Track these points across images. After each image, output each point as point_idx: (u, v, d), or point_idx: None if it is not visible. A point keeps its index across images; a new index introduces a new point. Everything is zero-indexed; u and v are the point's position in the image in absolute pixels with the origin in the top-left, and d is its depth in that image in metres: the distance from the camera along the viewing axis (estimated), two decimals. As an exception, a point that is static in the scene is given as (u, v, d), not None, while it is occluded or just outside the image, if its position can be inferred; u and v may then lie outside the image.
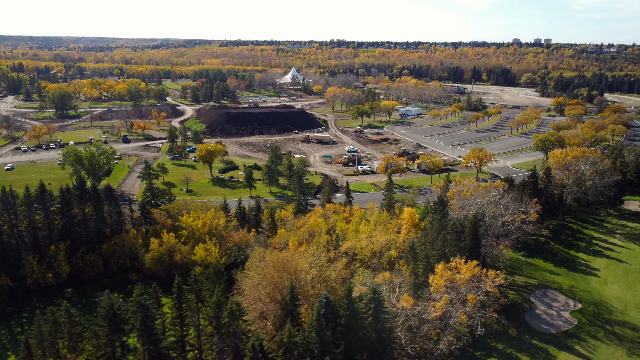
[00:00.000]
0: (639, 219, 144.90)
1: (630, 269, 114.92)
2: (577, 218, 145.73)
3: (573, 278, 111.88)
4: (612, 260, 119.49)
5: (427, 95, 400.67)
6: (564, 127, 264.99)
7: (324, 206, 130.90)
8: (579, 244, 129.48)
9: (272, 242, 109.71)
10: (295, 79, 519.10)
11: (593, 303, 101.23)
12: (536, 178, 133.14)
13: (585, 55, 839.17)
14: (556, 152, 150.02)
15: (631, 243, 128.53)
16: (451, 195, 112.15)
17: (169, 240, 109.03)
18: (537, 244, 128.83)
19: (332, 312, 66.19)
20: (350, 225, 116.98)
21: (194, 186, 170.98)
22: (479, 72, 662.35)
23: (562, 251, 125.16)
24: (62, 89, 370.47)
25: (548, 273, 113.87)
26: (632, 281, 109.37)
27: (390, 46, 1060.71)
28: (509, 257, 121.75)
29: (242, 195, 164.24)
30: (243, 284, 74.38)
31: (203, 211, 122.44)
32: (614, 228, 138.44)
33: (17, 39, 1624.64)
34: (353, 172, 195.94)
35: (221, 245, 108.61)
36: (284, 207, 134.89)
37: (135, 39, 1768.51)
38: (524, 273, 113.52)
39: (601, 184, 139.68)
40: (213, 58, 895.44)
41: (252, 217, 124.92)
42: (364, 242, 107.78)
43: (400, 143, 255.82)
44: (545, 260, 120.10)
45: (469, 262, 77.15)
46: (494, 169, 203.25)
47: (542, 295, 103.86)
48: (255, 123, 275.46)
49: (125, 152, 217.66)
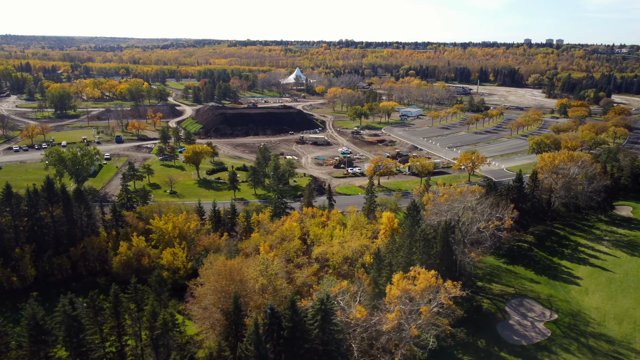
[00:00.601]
0: (629, 225, 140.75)
1: (614, 277, 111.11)
2: (565, 224, 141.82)
3: (553, 287, 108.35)
4: (596, 269, 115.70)
5: (428, 96, 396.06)
6: (564, 129, 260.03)
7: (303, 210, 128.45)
8: (563, 250, 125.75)
9: (243, 246, 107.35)
10: (298, 79, 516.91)
11: (570, 314, 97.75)
12: (521, 182, 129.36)
13: (596, 56, 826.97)
14: (544, 156, 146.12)
15: (618, 250, 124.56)
16: (427, 200, 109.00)
17: (138, 243, 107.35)
18: (521, 250, 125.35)
19: (277, 323, 63.72)
20: (324, 230, 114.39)
21: (179, 188, 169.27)
22: (486, 72, 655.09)
23: (545, 258, 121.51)
24: (63, 88, 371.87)
25: (528, 281, 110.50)
26: (614, 291, 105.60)
27: (398, 46, 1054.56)
28: (490, 264, 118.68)
29: (225, 197, 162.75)
30: (196, 292, 72.19)
31: (177, 214, 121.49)
32: (603, 234, 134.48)
33: (30, 39, 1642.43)
34: (343, 175, 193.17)
35: (190, 249, 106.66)
36: (262, 210, 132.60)
37: (146, 39, 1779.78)
38: (502, 281, 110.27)
39: (589, 189, 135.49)
40: (221, 58, 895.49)
41: (228, 220, 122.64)
42: (335, 247, 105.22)
43: (396, 145, 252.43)
44: (527, 268, 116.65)
45: (428, 271, 74.09)
46: (488, 172, 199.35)
47: (518, 305, 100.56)
48: (250, 124, 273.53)
49: (117, 152, 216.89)
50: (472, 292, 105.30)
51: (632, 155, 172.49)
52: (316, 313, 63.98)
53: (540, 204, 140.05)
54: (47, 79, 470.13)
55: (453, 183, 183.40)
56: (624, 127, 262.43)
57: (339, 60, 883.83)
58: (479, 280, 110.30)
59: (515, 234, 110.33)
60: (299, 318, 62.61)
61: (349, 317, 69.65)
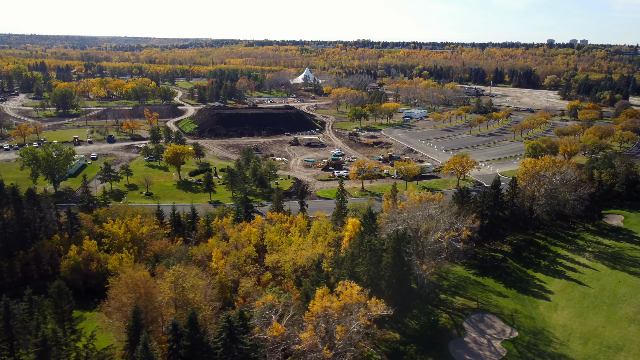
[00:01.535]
0: (617, 235, 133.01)
1: (589, 293, 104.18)
2: (547, 233, 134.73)
3: (521, 301, 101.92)
4: (571, 282, 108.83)
5: (435, 97, 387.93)
6: (568, 132, 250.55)
7: (265, 214, 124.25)
8: (540, 262, 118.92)
9: (193, 252, 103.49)
10: (307, 79, 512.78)
11: (532, 332, 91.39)
12: (497, 189, 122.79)
13: (619, 56, 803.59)
14: (525, 162, 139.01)
15: (599, 263, 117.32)
16: (387, 208, 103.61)
17: (89, 247, 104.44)
18: (494, 261, 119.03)
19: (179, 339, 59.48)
20: (283, 237, 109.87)
21: (157, 189, 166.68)
22: (502, 73, 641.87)
23: (518, 270, 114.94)
24: (69, 87, 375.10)
25: (495, 295, 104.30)
26: (585, 307, 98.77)
27: (415, 47, 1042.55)
28: (459, 275, 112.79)
29: (202, 199, 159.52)
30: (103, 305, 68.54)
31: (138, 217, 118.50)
32: (586, 245, 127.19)
33: (55, 39, 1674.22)
34: (328, 177, 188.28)
35: (140, 254, 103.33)
36: (228, 214, 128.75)
37: (168, 39, 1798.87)
38: (467, 294, 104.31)
39: (573, 196, 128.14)
40: (236, 58, 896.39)
41: (188, 224, 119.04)
42: (289, 255, 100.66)
43: (392, 147, 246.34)
44: (497, 280, 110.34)
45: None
46: (480, 176, 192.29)
47: (478, 321, 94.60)
48: (246, 124, 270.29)
49: (105, 152, 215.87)
50: (432, 306, 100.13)
51: (628, 161, 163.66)
52: (221, 330, 59.59)
53: (522, 212, 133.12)
54: (59, 78, 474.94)
55: (442, 187, 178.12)
56: (632, 131, 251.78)
57: (354, 60, 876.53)
58: (443, 293, 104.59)
59: (467, 246, 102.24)
60: (199, 335, 58.26)
61: (267, 335, 65.06)
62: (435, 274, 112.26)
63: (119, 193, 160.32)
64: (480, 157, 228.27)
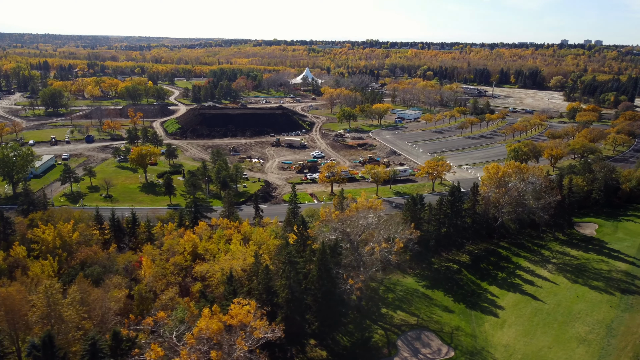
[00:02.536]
0: (587, 245, 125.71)
1: (542, 309, 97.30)
2: (513, 242, 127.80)
3: (466, 317, 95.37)
4: (526, 297, 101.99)
5: (431, 98, 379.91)
6: (560, 135, 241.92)
7: (208, 220, 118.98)
8: (498, 274, 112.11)
9: (120, 260, 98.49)
10: (305, 79, 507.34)
11: (470, 352, 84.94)
12: (454, 196, 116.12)
13: (630, 57, 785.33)
14: (489, 167, 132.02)
15: (560, 275, 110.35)
16: (324, 215, 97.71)
17: (18, 253, 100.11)
18: (448, 272, 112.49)
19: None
20: (221, 244, 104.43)
21: (119, 191, 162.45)
22: (507, 74, 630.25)
23: (472, 283, 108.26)
24: (66, 86, 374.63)
25: (440, 309, 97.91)
26: (535, 325, 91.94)
27: (423, 47, 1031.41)
28: (407, 287, 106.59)
29: (162, 202, 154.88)
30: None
31: (81, 221, 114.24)
32: (551, 256, 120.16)
33: (68, 38, 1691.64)
34: (300, 180, 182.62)
35: (67, 262, 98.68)
36: (175, 219, 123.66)
37: (179, 39, 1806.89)
38: (411, 308, 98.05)
39: (538, 204, 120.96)
40: (243, 57, 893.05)
41: (128, 229, 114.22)
42: (218, 265, 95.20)
43: (375, 149, 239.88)
44: (447, 293, 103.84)
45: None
46: (459, 180, 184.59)
47: (414, 339, 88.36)
48: (230, 125, 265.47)
49: (79, 152, 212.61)
50: (371, 321, 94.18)
51: (608, 166, 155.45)
52: (84, 354, 54.40)
53: (486, 220, 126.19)
54: (58, 77, 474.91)
55: (417, 191, 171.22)
56: (626, 134, 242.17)
57: (361, 60, 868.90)
58: (386, 307, 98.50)
59: (398, 258, 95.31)
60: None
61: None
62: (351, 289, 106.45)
63: (78, 195, 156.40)
64: (466, 160, 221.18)
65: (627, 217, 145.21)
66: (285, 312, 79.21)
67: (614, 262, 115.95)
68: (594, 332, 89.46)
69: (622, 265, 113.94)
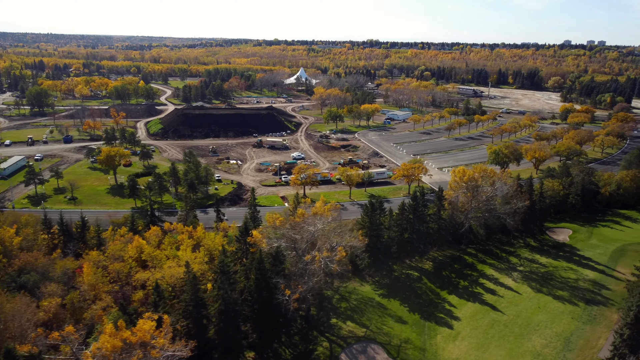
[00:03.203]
0: (558, 252, 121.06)
1: (500, 320, 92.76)
2: (480, 249, 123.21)
3: (419, 329, 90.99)
4: (485, 307, 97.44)
5: (423, 98, 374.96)
6: (547, 137, 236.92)
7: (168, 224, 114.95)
8: (460, 282, 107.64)
9: (58, 267, 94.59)
10: (299, 79, 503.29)
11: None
12: (417, 201, 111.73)
13: (631, 58, 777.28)
14: (455, 170, 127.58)
15: (525, 284, 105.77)
16: (272, 222, 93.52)
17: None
18: (408, 280, 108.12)
19: None
20: (167, 250, 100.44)
21: (86, 193, 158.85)
22: (505, 74, 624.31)
23: (431, 291, 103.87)
24: (55, 85, 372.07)
25: (394, 320, 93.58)
26: (490, 338, 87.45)
27: (424, 47, 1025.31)
28: (364, 295, 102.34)
29: (127, 205, 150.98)
30: None
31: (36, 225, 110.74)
32: (518, 263, 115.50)
33: (70, 38, 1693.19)
34: (274, 183, 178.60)
35: (6, 268, 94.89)
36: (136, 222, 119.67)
37: (182, 39, 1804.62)
38: (362, 318, 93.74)
39: (505, 209, 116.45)
40: (243, 57, 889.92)
41: (77, 234, 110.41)
42: (160, 273, 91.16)
43: (358, 150, 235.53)
44: (403, 303, 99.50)
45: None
46: (439, 183, 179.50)
47: (359, 352, 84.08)
48: (213, 125, 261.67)
49: (54, 153, 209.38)
50: (318, 332, 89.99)
51: (587, 170, 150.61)
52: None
53: (453, 226, 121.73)
54: (49, 77, 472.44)
55: (390, 195, 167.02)
56: (616, 136, 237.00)
57: (360, 60, 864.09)
58: (337, 317, 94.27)
59: (341, 268, 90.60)
60: None
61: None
62: (337, 294, 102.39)
63: (42, 197, 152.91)
64: (449, 162, 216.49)
65: (604, 223, 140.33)
66: (217, 324, 75.10)
67: (582, 270, 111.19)
68: (551, 346, 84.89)
69: (590, 274, 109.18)
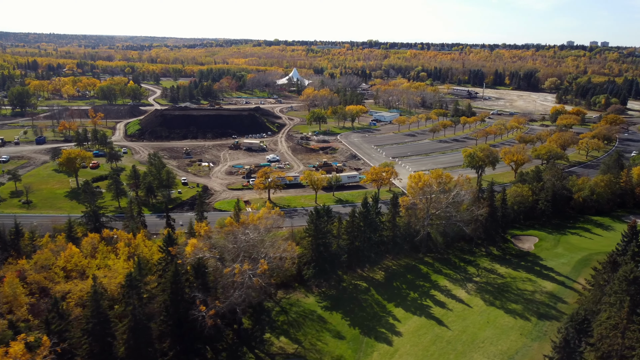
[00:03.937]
0: (519, 262, 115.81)
1: (443, 336, 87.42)
2: (438, 258, 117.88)
3: (356, 345, 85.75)
4: (430, 322, 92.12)
5: (412, 99, 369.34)
6: (530, 140, 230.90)
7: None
8: (409, 294, 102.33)
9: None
10: (291, 80, 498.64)
11: (343, 387, 75.36)
12: (367, 207, 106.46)
13: (631, 59, 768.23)
14: (411, 175, 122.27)
15: (477, 297, 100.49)
16: (204, 231, 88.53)
17: None
18: (355, 291, 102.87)
19: None
20: (99, 260, 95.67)
21: (42, 197, 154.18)
22: (502, 75, 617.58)
23: (377, 304, 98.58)
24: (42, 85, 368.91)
25: (331, 335, 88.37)
26: (429, 356, 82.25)
27: (423, 47, 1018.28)
28: (305, 308, 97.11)
29: (82, 209, 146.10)
30: None
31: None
32: (475, 274, 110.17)
33: (72, 38, 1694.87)
34: (241, 186, 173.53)
35: None
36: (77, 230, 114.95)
37: (183, 39, 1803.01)
38: (298, 333, 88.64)
39: (459, 217, 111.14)
40: (241, 58, 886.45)
41: (10, 240, 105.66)
42: (82, 284, 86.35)
43: (337, 153, 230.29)
44: (346, 316, 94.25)
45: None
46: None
47: (285, 370, 78.82)
48: (192, 126, 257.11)
49: (22, 154, 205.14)
50: (248, 348, 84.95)
51: (559, 175, 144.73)
52: None
53: (409, 233, 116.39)
54: (40, 77, 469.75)
55: (357, 200, 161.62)
56: (602, 139, 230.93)
57: (359, 61, 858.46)
58: (271, 331, 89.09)
59: (264, 281, 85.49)
60: None
61: None
62: (278, 306, 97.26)
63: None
64: (427, 165, 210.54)
65: (573, 230, 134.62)
66: (126, 342, 70.16)
67: (541, 281, 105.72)
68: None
69: (549, 286, 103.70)
